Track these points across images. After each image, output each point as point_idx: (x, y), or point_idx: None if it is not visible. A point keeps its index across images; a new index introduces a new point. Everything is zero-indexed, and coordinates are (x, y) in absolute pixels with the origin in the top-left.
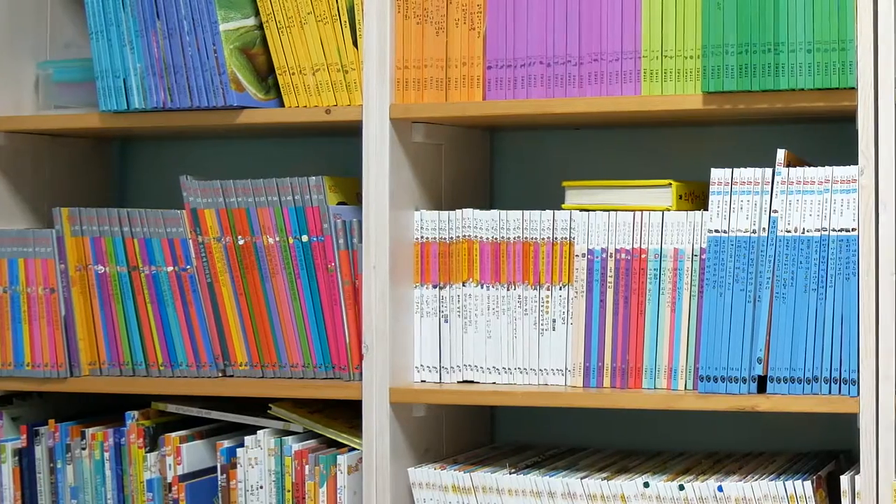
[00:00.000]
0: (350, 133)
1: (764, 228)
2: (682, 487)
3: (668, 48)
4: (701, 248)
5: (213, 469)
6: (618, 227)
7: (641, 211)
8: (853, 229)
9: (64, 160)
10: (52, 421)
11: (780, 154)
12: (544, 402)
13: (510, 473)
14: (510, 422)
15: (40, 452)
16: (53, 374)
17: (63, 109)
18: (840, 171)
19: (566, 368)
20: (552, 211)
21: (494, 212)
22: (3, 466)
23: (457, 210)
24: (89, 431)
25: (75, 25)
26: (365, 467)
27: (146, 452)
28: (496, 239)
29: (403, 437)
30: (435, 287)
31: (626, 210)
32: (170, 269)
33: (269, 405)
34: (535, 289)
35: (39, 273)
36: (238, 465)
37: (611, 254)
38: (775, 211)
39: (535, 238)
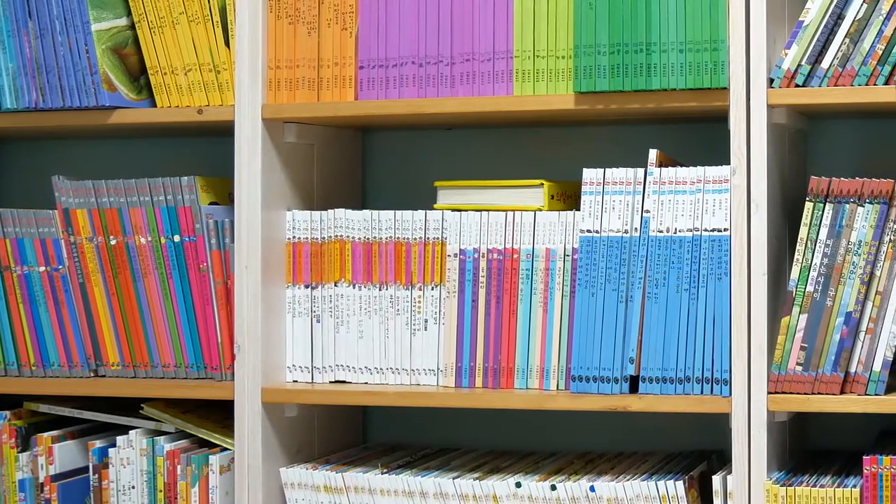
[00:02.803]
0: (222, 133)
1: (636, 228)
2: (554, 487)
3: (539, 48)
4: (573, 248)
5: (85, 469)
6: (490, 228)
7: (513, 211)
8: (725, 229)
9: None
10: None
11: (652, 154)
12: (416, 402)
13: (382, 473)
14: (382, 422)
15: None
16: None
17: None
18: (712, 172)
19: (438, 368)
20: (424, 211)
21: (366, 212)
22: None
23: (329, 210)
24: None
25: None
26: (237, 467)
27: (18, 452)
28: (368, 239)
29: (275, 437)
30: (307, 287)
31: (497, 210)
32: (42, 269)
33: (142, 405)
34: (408, 289)
35: None
36: (110, 465)
37: (483, 254)
38: (647, 211)
39: (408, 238)
